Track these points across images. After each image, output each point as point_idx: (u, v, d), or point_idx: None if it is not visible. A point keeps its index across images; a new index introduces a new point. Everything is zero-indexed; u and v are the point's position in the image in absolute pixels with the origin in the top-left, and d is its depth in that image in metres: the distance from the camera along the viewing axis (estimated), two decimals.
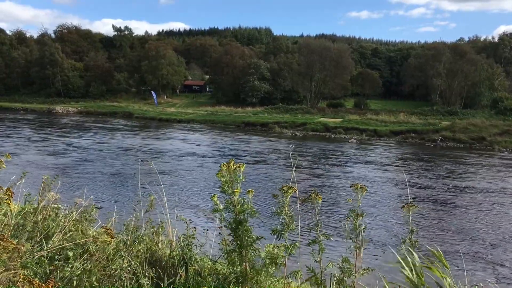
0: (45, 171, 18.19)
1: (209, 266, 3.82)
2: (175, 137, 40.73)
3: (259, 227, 10.55)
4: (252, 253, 3.15)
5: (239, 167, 3.13)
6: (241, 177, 3.12)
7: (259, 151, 31.42)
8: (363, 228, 3.37)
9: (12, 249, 1.73)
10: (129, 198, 14.38)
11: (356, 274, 3.25)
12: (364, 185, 3.45)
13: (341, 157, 29.64)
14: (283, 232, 3.17)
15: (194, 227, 4.16)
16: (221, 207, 3.11)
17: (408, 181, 21.29)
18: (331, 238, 3.38)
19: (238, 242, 3.11)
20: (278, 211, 3.23)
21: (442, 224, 13.86)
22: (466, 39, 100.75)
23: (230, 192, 3.06)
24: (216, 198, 3.15)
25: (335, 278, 3.27)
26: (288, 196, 3.22)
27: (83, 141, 33.49)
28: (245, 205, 3.09)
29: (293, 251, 3.18)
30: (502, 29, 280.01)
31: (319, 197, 3.42)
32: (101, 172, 20.46)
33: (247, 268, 3.12)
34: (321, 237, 3.32)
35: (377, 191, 18.27)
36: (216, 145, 34.78)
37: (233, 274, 3.28)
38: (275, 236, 3.20)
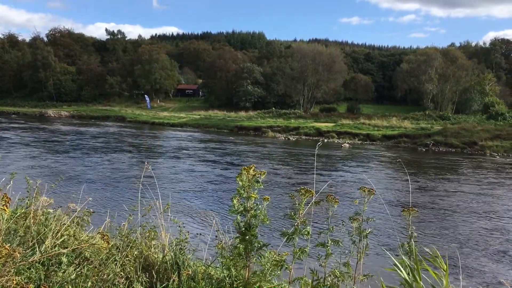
0: (35, 174, 18.06)
1: (202, 270, 3.80)
2: (167, 141, 40.60)
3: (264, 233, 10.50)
4: (257, 259, 3.09)
5: (259, 174, 3.06)
6: (260, 184, 3.03)
7: (253, 155, 31.41)
8: (368, 233, 3.33)
9: (6, 254, 1.72)
10: (121, 202, 14.29)
11: (353, 281, 3.24)
12: (372, 188, 3.42)
13: (335, 161, 29.72)
14: (293, 236, 3.10)
15: (187, 231, 4.13)
16: (241, 208, 3.01)
17: (400, 185, 21.39)
18: (340, 244, 3.27)
19: (245, 246, 3.04)
20: (292, 214, 3.16)
21: (431, 227, 13.93)
22: (457, 44, 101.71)
23: (245, 196, 3.00)
24: (236, 200, 3.05)
25: (328, 283, 3.26)
26: (304, 200, 3.15)
27: (73, 145, 33.28)
28: (258, 211, 3.02)
29: (301, 257, 3.11)
30: (491, 35, 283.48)
31: (336, 201, 3.35)
32: (93, 175, 20.34)
33: (249, 273, 3.07)
34: (330, 241, 3.25)
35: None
36: (208, 149, 34.72)
37: (228, 278, 3.27)
38: (285, 239, 3.12)
